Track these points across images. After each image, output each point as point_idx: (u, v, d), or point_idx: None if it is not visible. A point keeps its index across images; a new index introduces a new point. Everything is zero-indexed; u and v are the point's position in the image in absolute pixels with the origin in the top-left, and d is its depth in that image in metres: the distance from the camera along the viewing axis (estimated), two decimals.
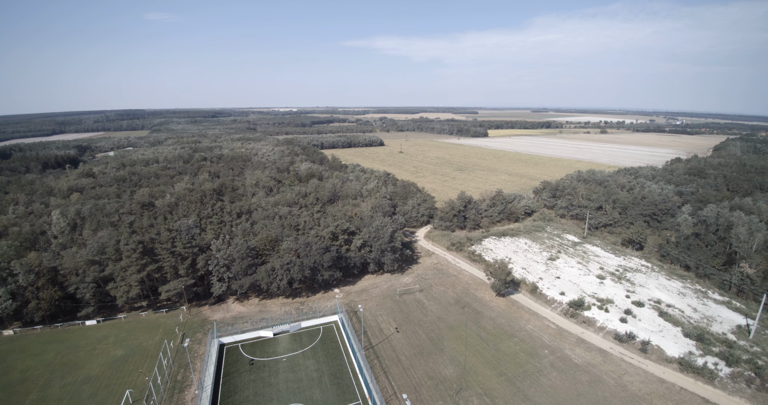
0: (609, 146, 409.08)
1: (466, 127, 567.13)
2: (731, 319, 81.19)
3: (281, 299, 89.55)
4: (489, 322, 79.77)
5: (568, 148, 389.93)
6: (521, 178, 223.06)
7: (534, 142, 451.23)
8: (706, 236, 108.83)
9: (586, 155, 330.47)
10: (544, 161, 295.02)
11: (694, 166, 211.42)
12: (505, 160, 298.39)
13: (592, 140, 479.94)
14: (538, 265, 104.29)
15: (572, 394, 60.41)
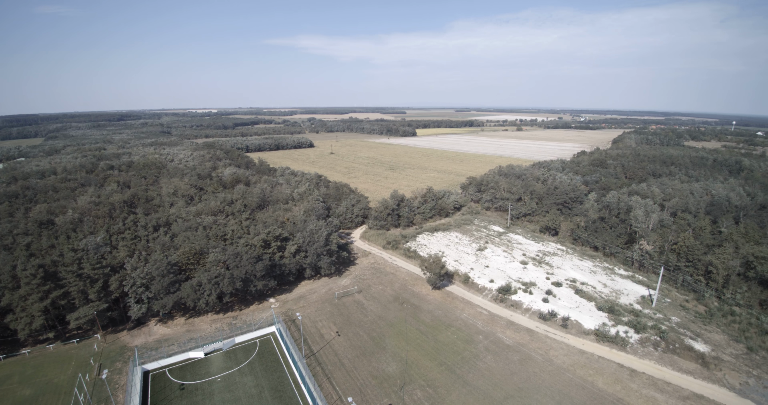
0: (525, 142, 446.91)
1: (395, 127, 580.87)
2: (636, 291, 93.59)
3: (211, 316, 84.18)
4: (427, 315, 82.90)
5: (489, 145, 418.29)
6: (449, 175, 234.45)
7: (459, 140, 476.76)
8: (610, 219, 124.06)
9: (506, 151, 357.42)
10: (469, 158, 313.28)
11: (597, 157, 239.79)
12: (433, 158, 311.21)
13: (510, 137, 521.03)
14: (468, 256, 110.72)
15: (506, 373, 65.29)
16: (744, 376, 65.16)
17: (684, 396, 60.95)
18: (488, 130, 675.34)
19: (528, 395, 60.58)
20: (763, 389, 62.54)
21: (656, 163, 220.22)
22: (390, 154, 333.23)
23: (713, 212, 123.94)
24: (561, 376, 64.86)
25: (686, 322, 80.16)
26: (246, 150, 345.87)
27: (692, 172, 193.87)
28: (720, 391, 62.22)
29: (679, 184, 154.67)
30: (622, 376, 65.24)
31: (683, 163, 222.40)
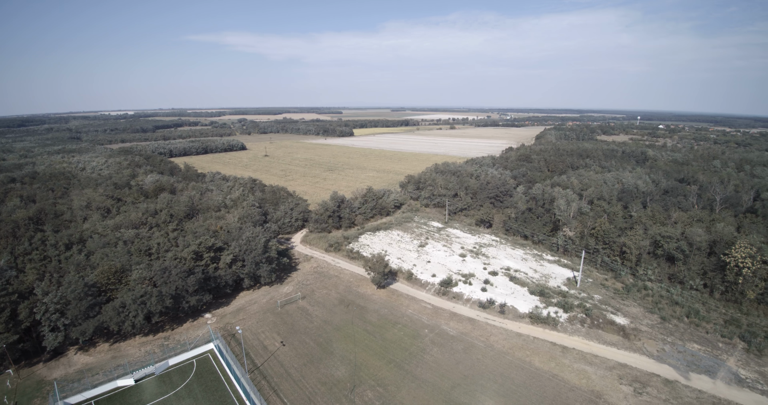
0: (458, 140, 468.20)
1: (332, 127, 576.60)
2: (562, 274, 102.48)
3: (139, 338, 77.32)
4: (374, 315, 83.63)
5: (425, 143, 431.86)
6: (388, 174, 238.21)
7: (396, 139, 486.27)
8: (537, 210, 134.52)
9: (441, 149, 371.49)
10: (407, 157, 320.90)
11: (522, 153, 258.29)
12: (372, 158, 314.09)
13: (445, 136, 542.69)
14: (411, 253, 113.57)
15: (452, 363, 68.08)
16: (660, 344, 74.40)
17: (610, 366, 68.09)
18: (423, 129, 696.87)
19: (473, 381, 63.76)
20: (677, 354, 71.89)
21: (574, 156, 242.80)
22: (328, 155, 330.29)
23: (624, 199, 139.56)
24: (502, 360, 69.16)
25: (607, 299, 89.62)
26: (169, 155, 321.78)
27: (605, 164, 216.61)
28: (641, 358, 70.44)
29: (594, 175, 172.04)
30: (556, 353, 71.21)
31: (597, 155, 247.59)
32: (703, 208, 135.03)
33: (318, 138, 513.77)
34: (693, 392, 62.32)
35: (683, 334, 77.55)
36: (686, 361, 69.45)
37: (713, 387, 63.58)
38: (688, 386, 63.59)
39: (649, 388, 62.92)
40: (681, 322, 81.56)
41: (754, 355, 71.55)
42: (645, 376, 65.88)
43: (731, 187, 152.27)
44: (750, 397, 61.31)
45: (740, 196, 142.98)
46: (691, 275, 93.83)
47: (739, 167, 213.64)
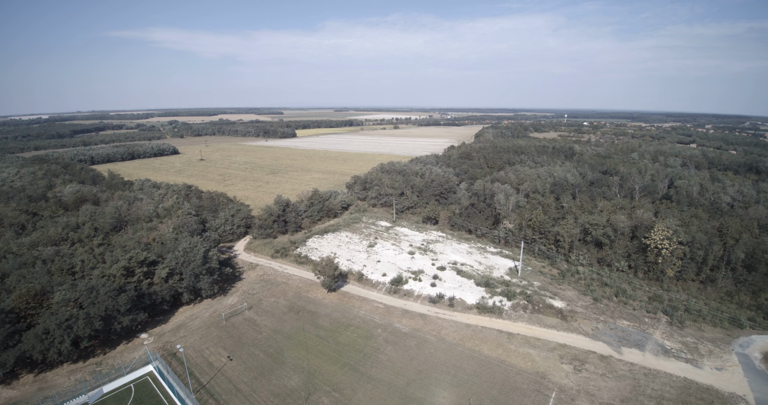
0: (402, 140, 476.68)
1: (273, 128, 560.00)
2: (504, 264, 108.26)
3: (68, 366, 69.81)
4: (325, 320, 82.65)
5: (370, 143, 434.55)
6: (334, 175, 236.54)
7: (340, 139, 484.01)
8: (479, 205, 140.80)
9: (386, 149, 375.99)
10: (352, 157, 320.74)
11: (464, 151, 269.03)
12: (316, 159, 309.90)
13: (389, 135, 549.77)
14: (360, 253, 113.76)
15: (406, 360, 69.26)
16: (594, 323, 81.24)
17: (551, 348, 73.17)
18: (368, 129, 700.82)
19: (427, 376, 65.37)
20: (609, 331, 78.89)
21: (510, 153, 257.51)
22: (270, 158, 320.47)
23: (556, 191, 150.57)
24: (453, 351, 71.63)
25: (545, 285, 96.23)
26: (91, 162, 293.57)
27: (538, 159, 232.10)
28: (578, 338, 76.44)
29: (529, 170, 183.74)
30: (502, 340, 75.15)
31: (530, 151, 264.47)
32: (624, 196, 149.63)
33: (258, 140, 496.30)
34: (626, 365, 68.93)
35: (613, 312, 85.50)
36: (618, 337, 76.62)
37: (643, 359, 70.78)
38: (621, 360, 70.19)
39: (587, 365, 68.57)
40: (611, 301, 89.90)
41: (677, 327, 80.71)
42: (583, 353, 71.71)
43: (648, 177, 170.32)
44: (676, 365, 69.04)
45: (656, 184, 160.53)
46: (617, 258, 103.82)
47: (654, 158, 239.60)
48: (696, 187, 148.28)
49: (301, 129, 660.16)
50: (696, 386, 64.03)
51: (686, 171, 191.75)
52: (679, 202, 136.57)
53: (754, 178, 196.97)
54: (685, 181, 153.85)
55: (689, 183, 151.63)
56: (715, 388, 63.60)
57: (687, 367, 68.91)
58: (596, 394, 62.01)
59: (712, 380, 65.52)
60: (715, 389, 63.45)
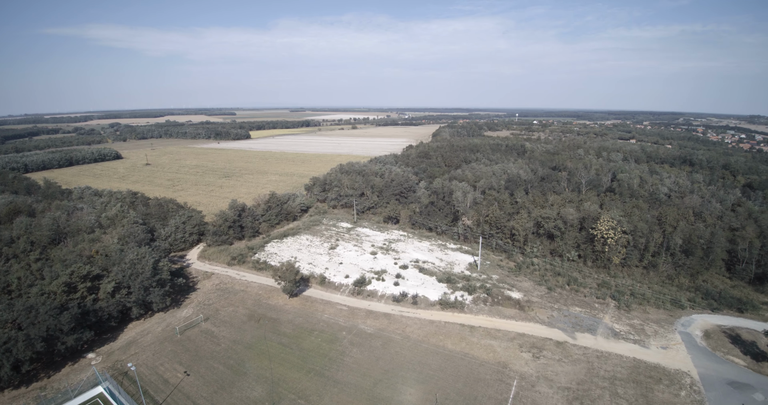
0: (361, 140, 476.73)
1: (225, 130, 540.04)
2: (464, 260, 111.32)
3: (9, 393, 63.58)
4: (288, 326, 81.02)
5: (328, 144, 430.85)
6: (292, 177, 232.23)
7: (297, 140, 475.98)
8: (438, 203, 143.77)
9: (345, 149, 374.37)
10: (310, 158, 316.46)
11: (422, 150, 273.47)
12: (272, 161, 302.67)
13: (347, 135, 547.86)
14: (322, 256, 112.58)
15: (372, 361, 69.44)
16: (549, 311, 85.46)
17: (511, 337, 76.22)
18: (325, 129, 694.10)
19: (394, 374, 65.92)
20: (564, 318, 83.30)
21: (466, 151, 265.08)
22: (223, 160, 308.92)
23: (510, 187, 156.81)
24: (418, 348, 72.75)
25: (503, 278, 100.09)
26: (24, 170, 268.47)
27: (492, 157, 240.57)
28: (535, 326, 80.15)
29: (484, 167, 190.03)
30: (465, 333, 77.29)
31: (485, 149, 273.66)
32: (572, 190, 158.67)
33: (209, 142, 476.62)
34: (580, 349, 73.17)
35: (566, 300, 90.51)
36: (571, 323, 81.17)
37: (595, 342, 75.45)
38: (575, 345, 74.42)
39: (544, 352, 72.10)
40: (564, 289, 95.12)
41: (624, 311, 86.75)
42: (540, 341, 75.31)
43: (593, 171, 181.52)
44: (625, 346, 74.20)
45: (600, 178, 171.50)
46: (568, 249, 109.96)
47: (598, 154, 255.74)
48: (636, 180, 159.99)
49: (255, 130, 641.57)
50: (644, 365, 69.20)
51: (627, 165, 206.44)
52: (622, 194, 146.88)
53: (688, 170, 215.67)
54: (626, 175, 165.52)
55: (630, 176, 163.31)
56: (662, 366, 69.06)
57: (635, 347, 74.29)
58: (554, 379, 65.36)
59: (659, 359, 71.11)
60: (662, 367, 68.91)
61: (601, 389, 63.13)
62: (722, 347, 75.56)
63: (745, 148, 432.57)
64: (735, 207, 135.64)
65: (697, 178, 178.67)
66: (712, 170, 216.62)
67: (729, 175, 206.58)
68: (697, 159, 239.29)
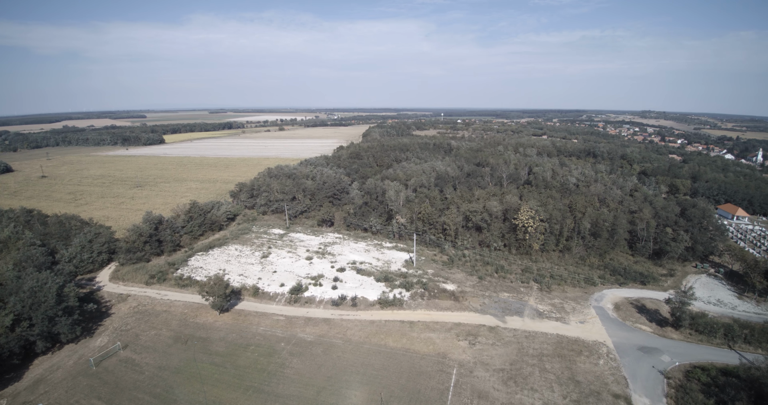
0: (289, 142, 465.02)
1: (134, 135, 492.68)
2: (400, 257, 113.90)
3: None
4: (220, 344, 76.58)
5: (254, 147, 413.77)
6: (215, 184, 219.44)
7: (219, 144, 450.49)
8: (372, 203, 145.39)
9: (272, 152, 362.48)
10: (234, 163, 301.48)
11: (353, 151, 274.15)
12: (191, 168, 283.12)
13: (274, 138, 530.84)
14: (253, 266, 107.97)
15: (314, 369, 68.28)
16: (481, 299, 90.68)
17: (448, 328, 79.72)
18: (250, 131, 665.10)
19: (338, 380, 65.50)
20: (494, 304, 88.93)
21: (396, 150, 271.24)
22: (133, 169, 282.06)
23: (439, 184, 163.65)
24: (361, 350, 73.07)
25: (438, 271, 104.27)
26: None
27: (421, 155, 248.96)
28: (470, 315, 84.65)
29: (415, 166, 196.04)
30: (405, 330, 79.26)
31: (414, 148, 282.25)
32: (495, 184, 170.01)
33: (117, 149, 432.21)
34: (510, 332, 78.82)
35: (496, 287, 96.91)
36: (501, 309, 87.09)
37: (523, 324, 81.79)
38: (506, 328, 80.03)
39: (479, 338, 76.54)
40: (492, 277, 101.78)
41: (546, 292, 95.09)
42: (475, 328, 79.82)
43: (512, 166, 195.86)
44: (549, 324, 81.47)
45: (519, 172, 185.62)
46: (494, 239, 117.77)
47: (516, 150, 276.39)
48: (549, 172, 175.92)
49: (170, 134, 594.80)
50: (567, 340, 76.58)
51: (541, 159, 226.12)
52: (538, 186, 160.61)
53: (592, 161, 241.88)
54: (540, 168, 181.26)
55: (544, 169, 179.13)
56: (581, 339, 76.96)
57: (557, 324, 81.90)
58: (490, 362, 69.69)
59: (578, 332, 79.17)
60: (582, 340, 76.83)
61: (531, 366, 68.66)
62: (631, 317, 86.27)
63: (638, 139, 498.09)
64: (633, 192, 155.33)
65: (600, 168, 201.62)
66: (612, 160, 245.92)
67: (626, 164, 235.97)
68: (599, 151, 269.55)
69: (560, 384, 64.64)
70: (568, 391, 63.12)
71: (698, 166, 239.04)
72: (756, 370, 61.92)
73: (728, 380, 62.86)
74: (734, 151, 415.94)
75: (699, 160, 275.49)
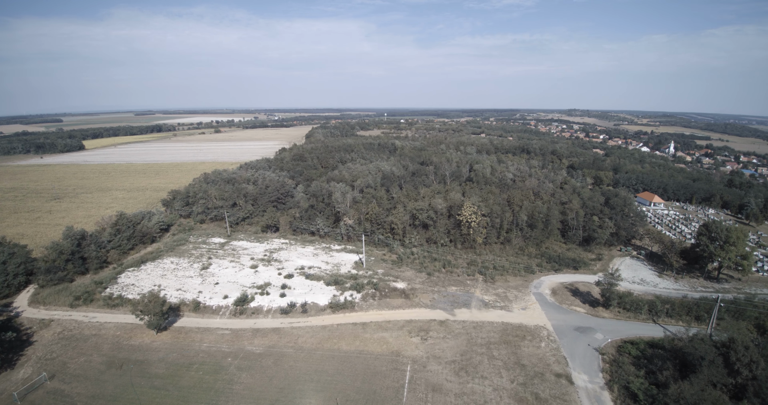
0: (226, 144, 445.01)
1: (50, 141, 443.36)
2: (350, 259, 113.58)
3: None
4: (160, 366, 71.53)
5: (187, 151, 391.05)
6: (144, 192, 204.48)
7: (148, 149, 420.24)
8: (318, 205, 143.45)
9: (208, 156, 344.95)
10: (166, 169, 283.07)
11: (296, 153, 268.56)
12: (117, 175, 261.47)
13: (210, 140, 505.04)
14: (192, 279, 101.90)
15: (265, 382, 66.04)
16: (431, 294, 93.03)
17: (401, 326, 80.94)
18: (183, 134, 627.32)
19: (291, 390, 63.93)
20: (443, 298, 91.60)
21: (341, 151, 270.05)
22: (49, 179, 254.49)
23: (385, 184, 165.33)
24: (313, 357, 71.91)
25: (388, 270, 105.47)
26: None
27: (367, 155, 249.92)
28: (421, 311, 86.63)
29: (360, 166, 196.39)
30: (358, 332, 79.28)
31: (359, 149, 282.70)
32: (439, 182, 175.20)
33: (30, 157, 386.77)
34: (459, 324, 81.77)
35: (444, 281, 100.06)
36: (450, 302, 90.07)
37: (471, 315, 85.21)
38: (455, 321, 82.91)
39: (431, 333, 78.61)
40: (441, 273, 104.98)
41: (490, 283, 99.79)
42: (426, 323, 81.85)
43: (455, 164, 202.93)
44: (494, 314, 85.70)
45: (461, 170, 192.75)
46: (440, 235, 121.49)
47: (457, 148, 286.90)
48: (489, 169, 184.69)
49: (91, 139, 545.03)
50: (511, 326, 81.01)
51: (480, 157, 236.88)
52: (478, 182, 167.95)
53: (526, 157, 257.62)
54: (480, 165, 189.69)
55: (483, 166, 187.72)
56: (524, 325, 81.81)
57: (502, 313, 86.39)
58: (442, 355, 71.80)
59: (521, 319, 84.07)
60: (525, 325, 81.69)
61: (480, 355, 71.79)
62: (566, 300, 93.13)
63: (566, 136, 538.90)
64: (563, 185, 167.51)
65: (534, 163, 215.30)
66: (544, 156, 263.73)
67: (556, 159, 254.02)
68: (532, 148, 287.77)
69: (507, 369, 68.23)
70: (515, 375, 66.81)
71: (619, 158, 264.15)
72: (679, 340, 69.34)
73: (655, 352, 69.97)
74: (649, 144, 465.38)
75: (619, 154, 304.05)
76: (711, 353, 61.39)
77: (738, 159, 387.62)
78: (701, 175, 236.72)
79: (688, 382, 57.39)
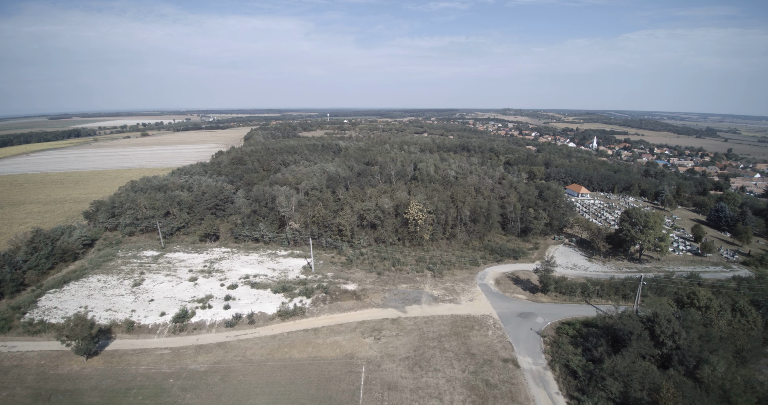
0: (155, 149, 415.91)
1: None
2: (297, 264, 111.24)
3: None
4: (93, 394, 65.24)
5: (111, 157, 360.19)
6: (63, 205, 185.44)
7: (64, 156, 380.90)
8: (261, 210, 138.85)
9: (135, 162, 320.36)
10: (87, 177, 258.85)
11: (235, 156, 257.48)
12: (30, 187, 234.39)
13: (136, 145, 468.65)
14: (124, 297, 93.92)
15: (213, 400, 62.72)
16: (382, 294, 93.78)
17: (353, 328, 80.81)
18: (105, 139, 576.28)
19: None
20: (394, 296, 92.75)
21: (284, 153, 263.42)
22: None
23: (331, 185, 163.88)
24: (264, 369, 69.57)
25: (338, 273, 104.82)
26: None
27: (310, 157, 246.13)
28: (372, 311, 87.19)
29: (304, 169, 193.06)
30: (309, 338, 77.98)
31: (302, 150, 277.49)
32: (385, 182, 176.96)
33: None
34: (411, 320, 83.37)
35: (394, 280, 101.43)
36: (401, 300, 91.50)
37: (422, 311, 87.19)
38: (407, 318, 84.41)
39: (384, 332, 79.36)
40: (390, 271, 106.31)
41: (438, 278, 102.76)
42: (378, 323, 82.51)
43: (399, 164, 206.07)
44: (444, 307, 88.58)
45: (406, 168, 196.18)
46: (388, 234, 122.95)
47: (401, 147, 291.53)
48: (432, 167, 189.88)
49: None
50: (460, 318, 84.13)
51: (424, 155, 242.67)
52: (423, 181, 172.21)
53: (467, 155, 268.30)
54: (424, 164, 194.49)
55: (427, 165, 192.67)
56: (472, 315, 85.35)
57: (451, 306, 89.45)
58: (395, 353, 72.76)
59: (469, 310, 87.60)
60: (472, 316, 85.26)
61: (432, 349, 73.78)
62: (509, 289, 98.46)
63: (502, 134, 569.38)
64: (501, 180, 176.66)
65: (474, 160, 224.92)
66: (483, 153, 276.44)
67: (494, 156, 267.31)
68: (472, 146, 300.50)
69: (459, 359, 70.79)
70: (466, 364, 69.48)
71: (549, 154, 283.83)
72: (609, 318, 76.01)
73: (590, 330, 76.12)
74: (575, 140, 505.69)
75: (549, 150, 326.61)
76: (638, 328, 68.03)
77: (652, 151, 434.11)
78: (621, 167, 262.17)
79: (620, 356, 63.28)
